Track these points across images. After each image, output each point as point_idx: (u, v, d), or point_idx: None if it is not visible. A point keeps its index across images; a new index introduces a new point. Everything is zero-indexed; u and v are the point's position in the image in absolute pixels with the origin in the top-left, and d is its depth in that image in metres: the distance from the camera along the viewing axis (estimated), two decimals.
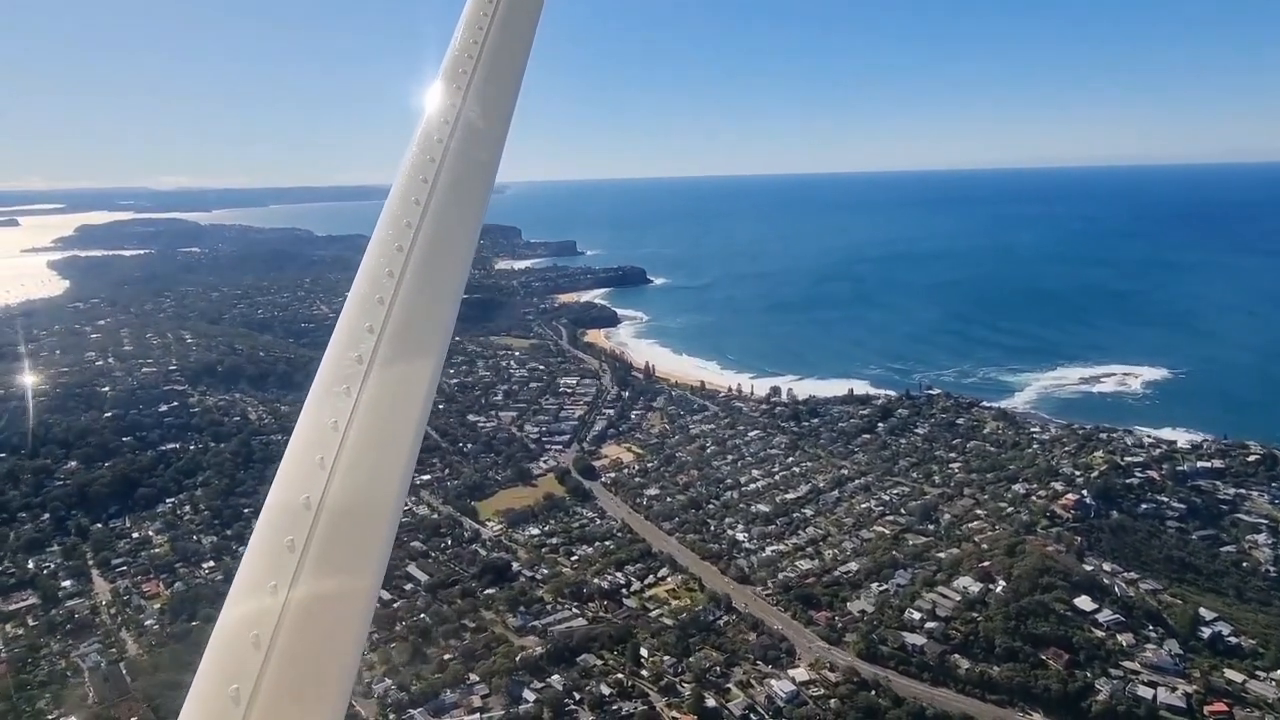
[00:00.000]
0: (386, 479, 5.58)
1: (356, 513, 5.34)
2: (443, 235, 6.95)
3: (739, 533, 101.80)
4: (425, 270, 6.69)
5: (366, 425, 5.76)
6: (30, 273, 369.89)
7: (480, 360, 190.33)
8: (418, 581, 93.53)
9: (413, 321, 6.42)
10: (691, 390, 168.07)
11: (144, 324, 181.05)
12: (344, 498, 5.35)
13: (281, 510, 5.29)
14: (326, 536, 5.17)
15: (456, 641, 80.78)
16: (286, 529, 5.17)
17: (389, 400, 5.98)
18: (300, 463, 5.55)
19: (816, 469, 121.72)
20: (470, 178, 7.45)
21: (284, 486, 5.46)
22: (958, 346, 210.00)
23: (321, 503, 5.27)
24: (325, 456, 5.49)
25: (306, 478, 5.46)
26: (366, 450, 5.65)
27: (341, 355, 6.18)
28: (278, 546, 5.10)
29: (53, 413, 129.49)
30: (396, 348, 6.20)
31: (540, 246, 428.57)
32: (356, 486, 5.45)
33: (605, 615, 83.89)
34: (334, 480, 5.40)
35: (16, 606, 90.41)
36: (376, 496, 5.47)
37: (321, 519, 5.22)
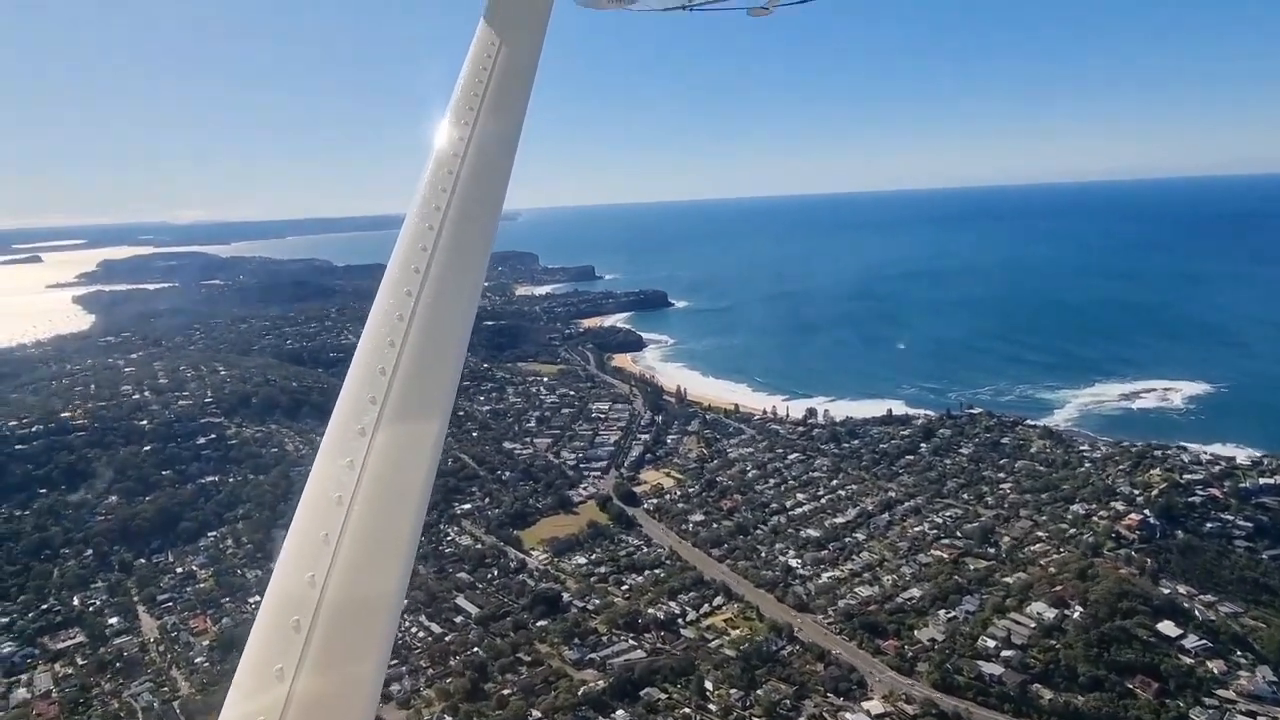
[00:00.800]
0: (392, 553, 5.54)
1: (361, 593, 5.26)
2: (450, 278, 6.98)
3: (791, 558, 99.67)
4: (436, 307, 6.76)
5: (372, 495, 5.71)
6: (56, 308, 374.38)
7: (510, 387, 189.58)
8: (467, 614, 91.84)
9: (425, 363, 6.52)
10: (726, 413, 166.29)
11: (176, 357, 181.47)
12: (349, 577, 5.27)
13: (285, 594, 5.22)
14: (331, 618, 5.10)
15: (513, 676, 79.00)
16: (292, 610, 5.11)
17: (402, 448, 6.03)
18: (307, 536, 5.49)
19: (862, 492, 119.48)
20: (477, 215, 7.54)
21: (288, 567, 5.39)
22: (989, 364, 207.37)
23: (326, 581, 5.22)
24: (330, 533, 5.41)
25: (313, 555, 5.38)
26: (374, 515, 5.63)
27: (358, 394, 6.25)
28: (284, 627, 5.03)
29: (91, 447, 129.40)
30: (407, 400, 6.24)
31: (559, 272, 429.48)
32: (361, 565, 5.36)
33: (664, 646, 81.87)
34: (338, 558, 5.30)
35: (64, 645, 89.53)
36: (381, 575, 5.40)
37: (326, 598, 5.15)
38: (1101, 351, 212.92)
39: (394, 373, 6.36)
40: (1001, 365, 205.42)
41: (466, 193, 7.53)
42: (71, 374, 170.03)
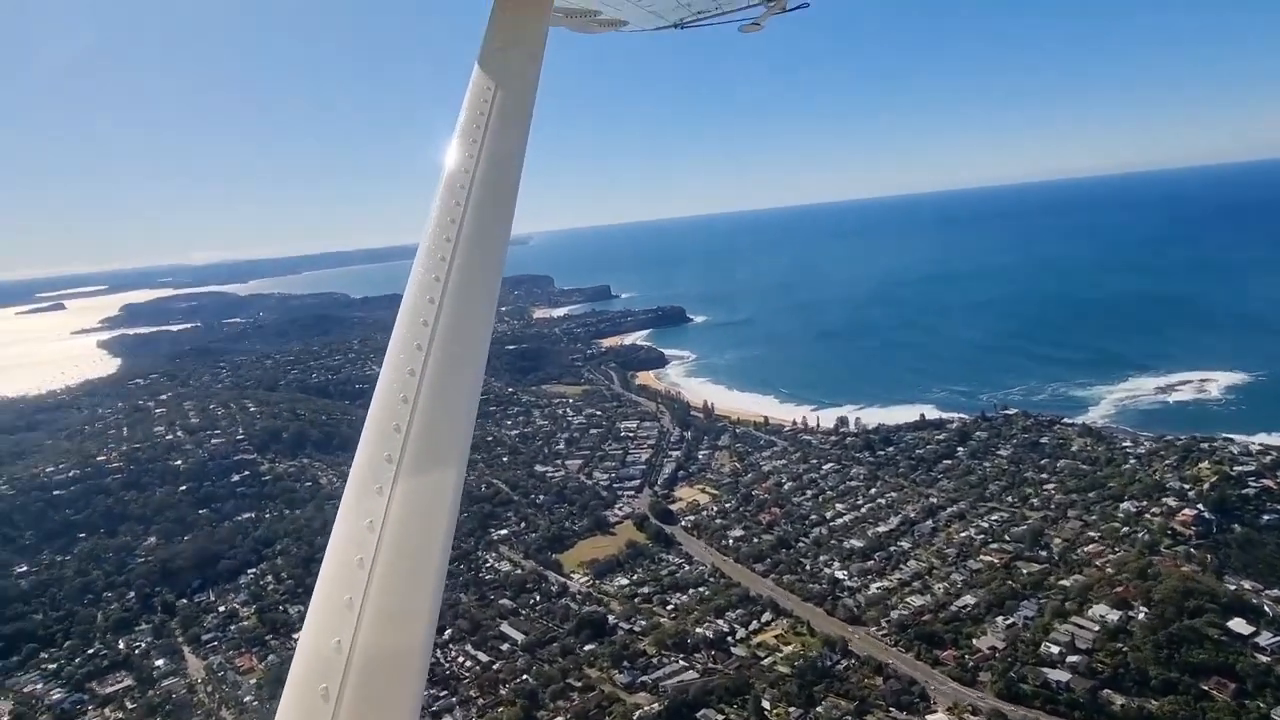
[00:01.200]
0: (418, 607, 5.56)
1: (389, 653, 5.29)
2: (465, 305, 7.09)
3: (837, 570, 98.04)
4: (453, 332, 6.89)
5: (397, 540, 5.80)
6: (82, 353, 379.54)
7: (536, 410, 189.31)
8: (514, 641, 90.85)
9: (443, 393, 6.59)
10: (755, 426, 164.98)
11: (204, 395, 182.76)
12: (375, 636, 5.30)
13: (312, 660, 5.25)
14: (359, 683, 5.10)
15: (564, 703, 77.84)
16: (320, 678, 5.11)
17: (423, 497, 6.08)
18: (330, 600, 5.53)
19: (903, 499, 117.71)
20: (487, 241, 7.62)
21: (314, 630, 5.42)
22: (1017, 365, 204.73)
23: (353, 645, 5.23)
24: (353, 597, 5.45)
25: (338, 619, 5.41)
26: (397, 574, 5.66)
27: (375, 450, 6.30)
28: (313, 696, 5.04)
29: (128, 489, 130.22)
30: (422, 452, 6.23)
31: (575, 293, 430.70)
32: (388, 620, 5.41)
33: (716, 666, 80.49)
34: (363, 620, 5.33)
35: (113, 689, 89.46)
36: (407, 630, 5.45)
37: (354, 662, 5.16)
38: (1132, 346, 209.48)
39: (415, 404, 6.43)
40: (1029, 365, 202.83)
41: (475, 220, 7.61)
42: (103, 418, 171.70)
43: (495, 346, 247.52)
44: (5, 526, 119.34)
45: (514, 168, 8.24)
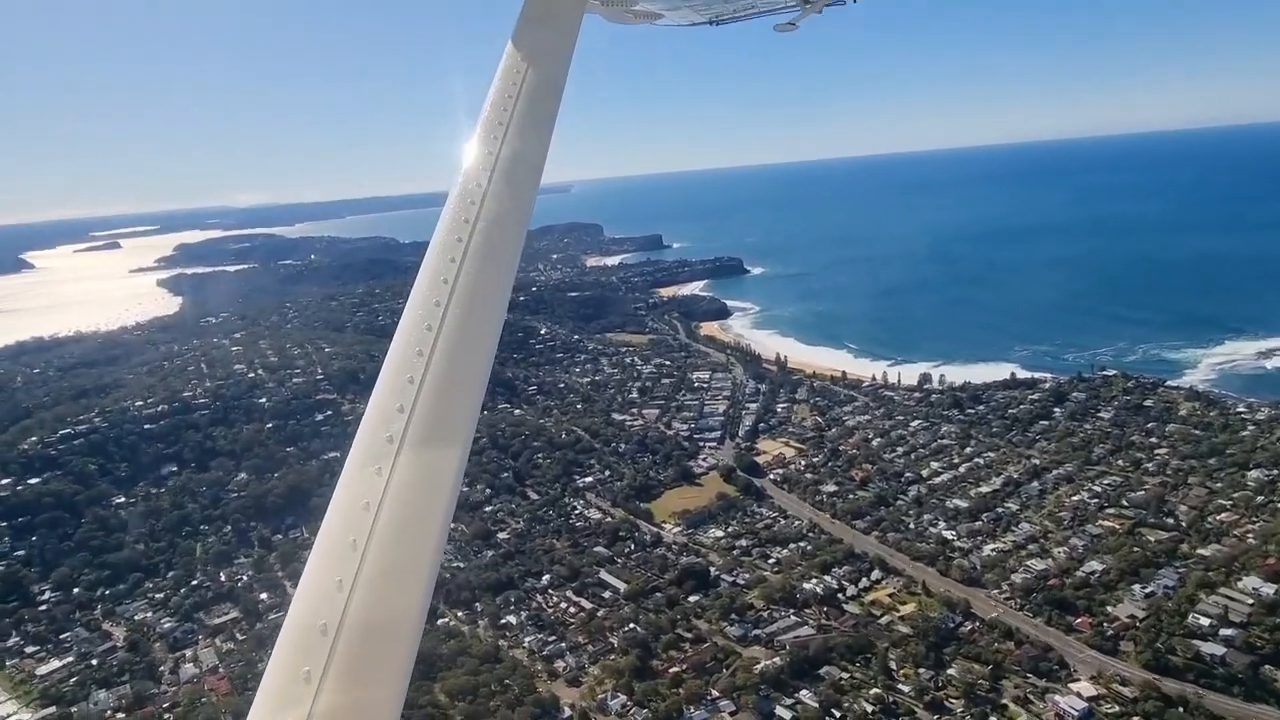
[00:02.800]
0: (419, 562, 5.48)
1: (389, 599, 5.24)
2: (478, 291, 6.97)
3: (944, 530, 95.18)
4: (465, 319, 6.77)
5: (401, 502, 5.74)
6: (143, 292, 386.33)
7: (603, 358, 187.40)
8: (615, 589, 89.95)
9: (456, 356, 6.58)
10: (832, 380, 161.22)
11: (277, 335, 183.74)
12: (376, 583, 5.23)
13: (314, 598, 5.19)
14: (358, 623, 5.02)
15: (678, 653, 76.78)
16: (321, 614, 5.07)
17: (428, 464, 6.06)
18: (335, 542, 5.46)
19: (1001, 459, 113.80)
20: (504, 229, 7.48)
21: (316, 572, 5.35)
22: (1099, 325, 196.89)
23: (354, 586, 5.17)
24: (358, 539, 5.41)
25: (341, 560, 5.35)
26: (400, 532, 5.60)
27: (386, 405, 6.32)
28: (312, 630, 5.01)
29: (215, 425, 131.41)
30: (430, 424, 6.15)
31: (626, 242, 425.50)
32: (389, 571, 5.37)
33: (830, 623, 78.60)
34: (365, 564, 5.28)
35: (221, 620, 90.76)
36: (408, 582, 5.40)
37: (353, 603, 5.09)
38: (1223, 308, 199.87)
39: (421, 385, 6.24)
40: (1112, 326, 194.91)
41: (494, 207, 7.44)
42: (181, 354, 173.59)
43: (557, 293, 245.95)
44: (101, 458, 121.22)
45: (538, 154, 7.98)
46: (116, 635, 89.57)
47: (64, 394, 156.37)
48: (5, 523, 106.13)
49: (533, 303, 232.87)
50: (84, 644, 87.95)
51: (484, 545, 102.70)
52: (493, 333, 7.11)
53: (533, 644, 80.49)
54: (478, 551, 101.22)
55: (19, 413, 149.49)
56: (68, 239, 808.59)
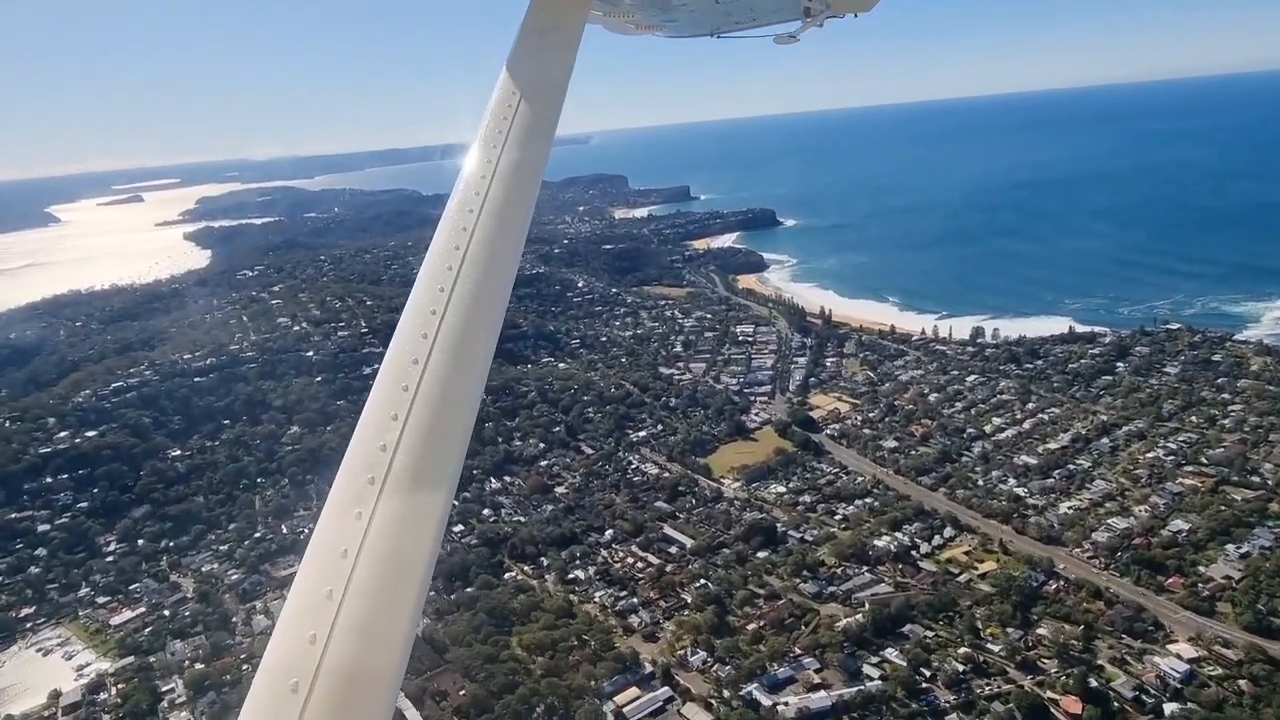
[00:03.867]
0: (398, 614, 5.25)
1: (364, 656, 4.98)
2: (476, 302, 6.79)
3: (1015, 487, 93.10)
4: (462, 327, 6.64)
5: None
6: (171, 245, 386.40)
7: (643, 311, 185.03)
8: (681, 545, 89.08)
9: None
10: (880, 334, 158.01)
11: (314, 288, 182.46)
12: (352, 632, 4.99)
13: (288, 646, 5.00)
14: (331, 679, 4.83)
15: (753, 610, 75.91)
16: (291, 670, 4.87)
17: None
18: (310, 593, 5.22)
19: (1067, 416, 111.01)
20: (503, 237, 7.33)
21: (288, 625, 5.14)
22: (1152, 278, 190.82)
23: (329, 639, 4.94)
24: (334, 589, 5.14)
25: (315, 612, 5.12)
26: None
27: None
28: (281, 687, 4.81)
29: (264, 379, 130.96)
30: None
31: (652, 193, 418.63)
32: (365, 626, 5.10)
33: (908, 581, 77.30)
34: (342, 613, 5.05)
35: (287, 573, 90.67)
36: (385, 638, 5.10)
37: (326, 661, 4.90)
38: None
39: (416, 390, 6.19)
40: (1165, 279, 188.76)
41: (493, 213, 7.38)
42: (220, 307, 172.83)
43: (592, 245, 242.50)
44: (154, 411, 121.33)
45: (538, 162, 7.87)
46: (185, 587, 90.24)
47: (109, 347, 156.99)
48: (66, 475, 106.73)
49: (567, 255, 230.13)
50: (154, 595, 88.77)
51: (542, 499, 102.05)
52: (485, 357, 6.74)
53: (603, 599, 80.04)
54: (537, 506, 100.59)
55: (66, 366, 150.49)
56: (90, 192, 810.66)
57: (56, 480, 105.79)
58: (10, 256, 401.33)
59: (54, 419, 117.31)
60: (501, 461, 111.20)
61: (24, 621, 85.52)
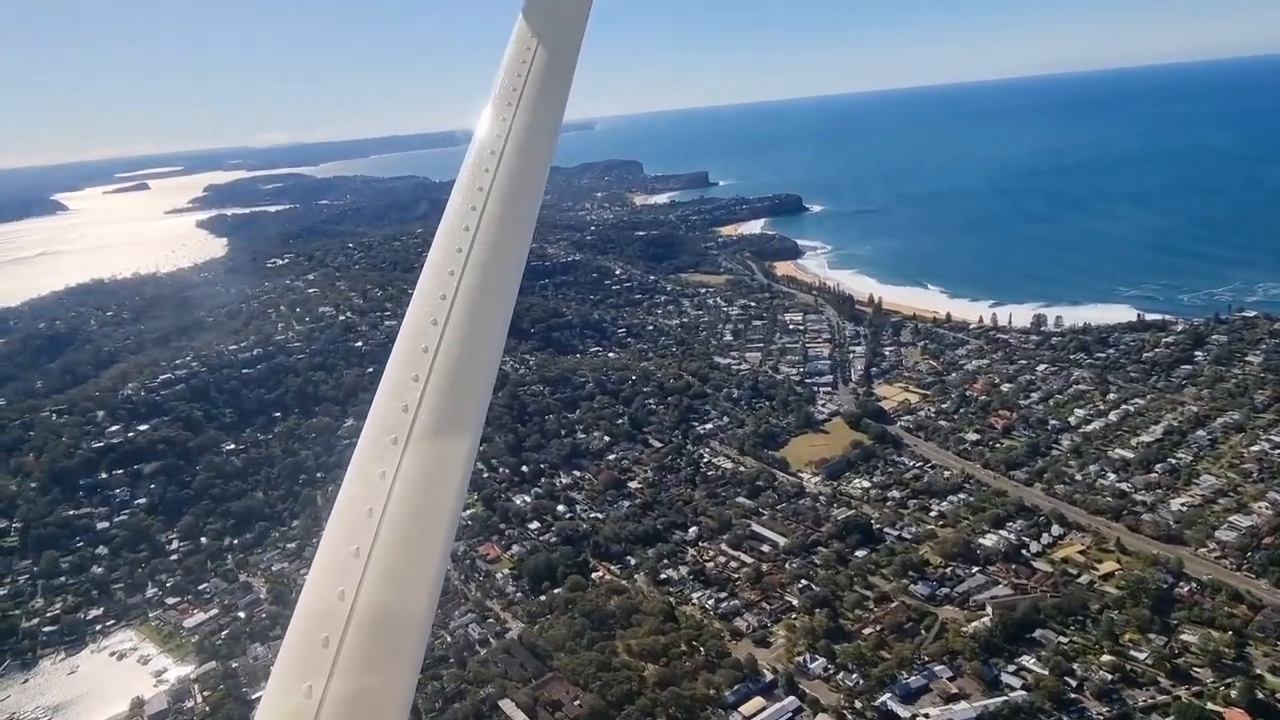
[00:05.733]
0: (423, 567, 5.30)
1: (392, 608, 5.09)
2: (492, 268, 6.74)
3: (1116, 482, 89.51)
4: (478, 293, 6.57)
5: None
6: (184, 233, 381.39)
7: (684, 299, 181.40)
8: (773, 543, 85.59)
9: (474, 326, 6.46)
10: (935, 322, 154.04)
11: (348, 276, 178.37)
12: (379, 592, 5.06)
13: (315, 610, 5.07)
14: (360, 635, 4.92)
15: (865, 613, 72.54)
16: (322, 626, 4.97)
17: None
18: (337, 550, 5.32)
19: (1154, 407, 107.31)
20: (518, 202, 7.24)
21: (318, 581, 5.24)
22: (1199, 265, 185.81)
23: (357, 595, 5.01)
24: (361, 547, 5.23)
25: (343, 569, 5.22)
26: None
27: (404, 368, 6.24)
28: (313, 643, 4.90)
29: (314, 370, 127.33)
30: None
31: (670, 179, 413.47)
32: (392, 579, 5.19)
33: (1025, 582, 73.83)
34: (369, 571, 5.11)
35: None
36: (412, 590, 5.18)
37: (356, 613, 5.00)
38: None
39: (436, 350, 6.16)
40: (1215, 266, 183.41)
41: (508, 175, 7.25)
42: (256, 296, 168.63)
43: (624, 232, 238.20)
44: (205, 403, 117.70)
45: (551, 126, 7.66)
46: (257, 587, 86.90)
47: (146, 338, 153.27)
48: (122, 470, 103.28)
49: (600, 243, 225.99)
50: (225, 595, 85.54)
51: (617, 495, 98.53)
52: (503, 320, 6.58)
53: (702, 600, 76.67)
54: (612, 502, 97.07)
55: (104, 357, 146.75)
56: (95, 180, 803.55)
57: (112, 475, 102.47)
58: (23, 245, 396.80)
59: (103, 412, 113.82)
60: (569, 455, 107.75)
61: (93, 624, 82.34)
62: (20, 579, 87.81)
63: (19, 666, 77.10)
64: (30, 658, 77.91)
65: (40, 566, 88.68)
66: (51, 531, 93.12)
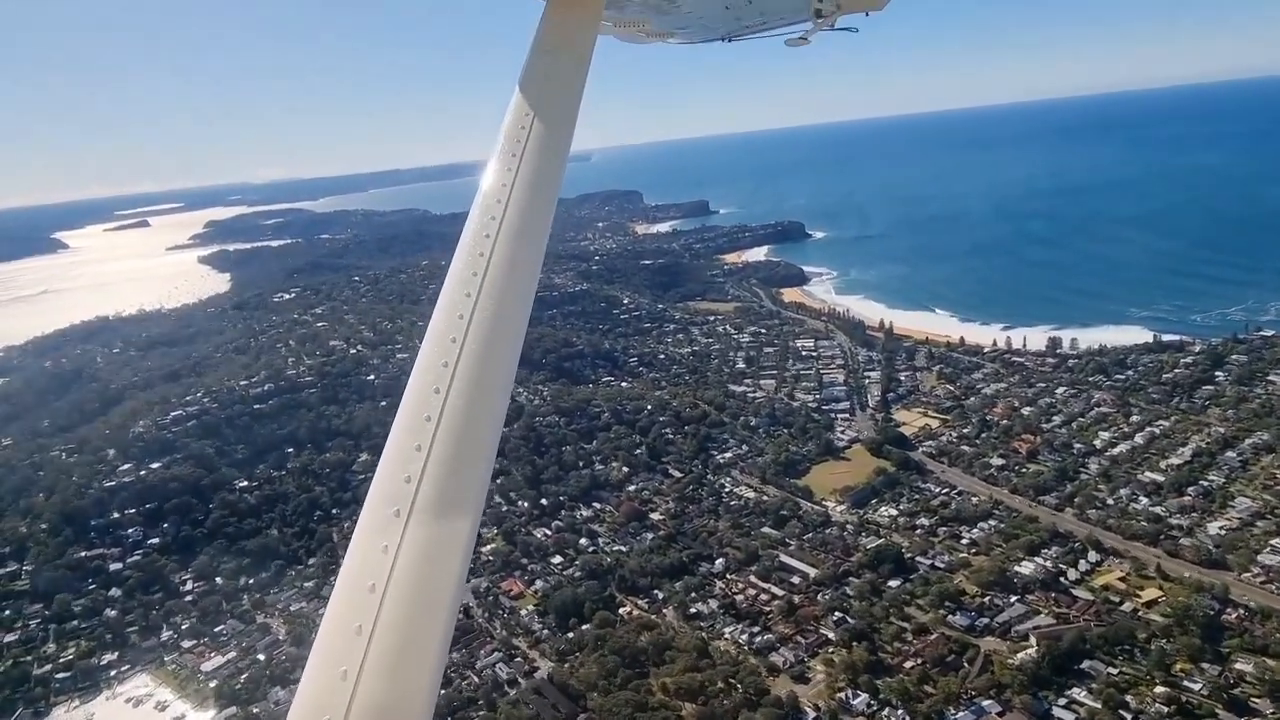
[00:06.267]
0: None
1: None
2: (498, 320, 6.72)
3: (1149, 506, 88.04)
4: (489, 334, 6.59)
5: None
6: (186, 269, 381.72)
7: (694, 328, 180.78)
8: (802, 574, 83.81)
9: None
10: (949, 346, 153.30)
11: (356, 309, 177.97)
12: (395, 622, 5.06)
13: (335, 637, 5.06)
14: (378, 664, 4.93)
15: (903, 645, 70.66)
16: (340, 659, 4.93)
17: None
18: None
19: (1179, 429, 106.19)
20: (523, 250, 7.21)
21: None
22: (1210, 286, 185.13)
23: (374, 629, 5.00)
24: (376, 583, 5.21)
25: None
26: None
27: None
28: (331, 674, 4.90)
29: (326, 404, 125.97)
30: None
31: (670, 208, 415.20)
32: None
33: (1066, 611, 72.11)
34: (385, 605, 5.10)
35: None
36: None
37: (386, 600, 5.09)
38: None
39: (439, 419, 6.04)
40: (1223, 287, 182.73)
41: (509, 239, 7.23)
42: (264, 331, 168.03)
43: (629, 261, 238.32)
44: (216, 440, 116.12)
45: (555, 173, 7.78)
46: (275, 628, 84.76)
47: (154, 374, 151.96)
48: (134, 509, 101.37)
49: (606, 272, 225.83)
50: (242, 637, 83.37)
51: (639, 527, 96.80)
52: (505, 391, 6.51)
53: (735, 635, 74.74)
54: (634, 534, 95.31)
55: (111, 394, 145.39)
56: (95, 218, 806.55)
57: (124, 515, 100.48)
58: (25, 284, 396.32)
59: (114, 450, 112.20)
60: (588, 488, 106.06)
61: (107, 669, 79.92)
62: (31, 623, 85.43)
63: (32, 715, 74.65)
64: (44, 705, 75.44)
65: (52, 610, 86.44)
66: (63, 574, 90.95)
